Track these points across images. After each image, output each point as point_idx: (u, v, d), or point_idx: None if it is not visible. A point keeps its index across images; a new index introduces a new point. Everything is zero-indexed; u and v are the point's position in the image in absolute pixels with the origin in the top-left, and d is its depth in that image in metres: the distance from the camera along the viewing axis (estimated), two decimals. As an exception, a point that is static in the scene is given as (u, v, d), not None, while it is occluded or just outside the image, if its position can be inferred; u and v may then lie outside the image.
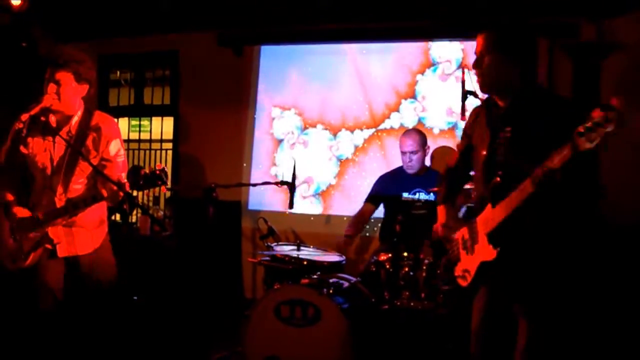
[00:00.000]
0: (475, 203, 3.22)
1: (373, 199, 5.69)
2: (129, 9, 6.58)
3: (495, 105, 3.17)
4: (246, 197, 6.86)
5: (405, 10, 6.18)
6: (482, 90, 3.14)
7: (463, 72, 4.05)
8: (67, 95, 3.66)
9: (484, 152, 3.12)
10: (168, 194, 7.15)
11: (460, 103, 4.02)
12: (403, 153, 5.46)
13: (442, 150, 6.12)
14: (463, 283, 3.22)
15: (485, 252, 3.01)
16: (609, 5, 5.58)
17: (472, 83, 3.99)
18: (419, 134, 5.54)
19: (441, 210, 3.48)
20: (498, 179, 2.96)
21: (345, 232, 5.54)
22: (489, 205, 3.00)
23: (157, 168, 3.44)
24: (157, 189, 3.31)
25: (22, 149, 3.69)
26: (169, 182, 3.62)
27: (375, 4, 6.16)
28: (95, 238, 3.81)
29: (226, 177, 6.29)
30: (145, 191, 7.18)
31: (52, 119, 3.72)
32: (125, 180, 3.47)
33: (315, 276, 4.60)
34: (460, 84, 3.49)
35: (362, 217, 5.70)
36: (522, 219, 2.85)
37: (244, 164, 6.87)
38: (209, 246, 6.36)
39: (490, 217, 2.98)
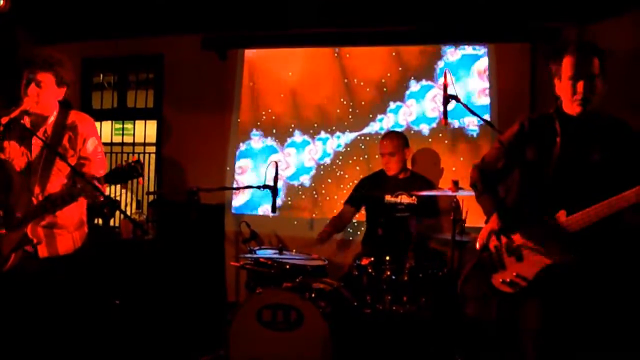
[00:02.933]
0: (528, 212, 3.34)
1: (353, 201, 5.70)
2: (114, 11, 6.55)
3: (566, 118, 3.31)
4: (229, 201, 6.84)
5: (390, 16, 6.20)
6: (585, 108, 3.24)
7: (445, 76, 4.09)
8: (47, 97, 3.65)
9: (555, 162, 3.26)
10: (151, 197, 7.12)
11: (442, 107, 4.07)
12: (382, 155, 5.49)
13: (425, 153, 6.15)
14: (510, 289, 3.32)
15: (557, 257, 3.16)
16: (591, 10, 5.62)
17: (454, 86, 4.03)
18: (398, 136, 5.57)
19: (494, 218, 3.44)
20: (573, 188, 3.15)
21: (320, 232, 5.56)
22: (562, 213, 3.15)
23: (131, 160, 3.43)
24: (139, 190, 3.29)
25: None
26: (145, 175, 3.60)
27: (360, 9, 6.17)
28: (75, 239, 3.80)
29: (209, 181, 6.26)
30: (128, 195, 7.17)
31: (27, 120, 3.70)
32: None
33: (297, 280, 4.59)
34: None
35: (340, 219, 5.72)
36: (607, 226, 3.02)
37: (227, 168, 6.85)
38: (192, 250, 6.33)
39: (565, 223, 3.14)
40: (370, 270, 4.63)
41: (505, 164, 3.50)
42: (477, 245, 3.50)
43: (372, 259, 4.66)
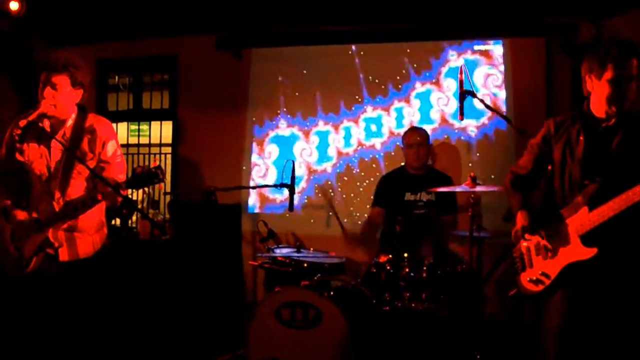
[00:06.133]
0: (550, 209, 3.42)
1: (380, 201, 5.66)
2: (127, 13, 6.57)
3: (592, 117, 3.32)
4: (246, 200, 6.85)
5: (404, 12, 6.18)
6: (619, 106, 3.23)
7: (461, 72, 4.07)
8: (63, 99, 3.65)
9: (579, 160, 3.31)
10: (168, 197, 7.15)
11: (458, 103, 4.07)
12: (410, 146, 5.45)
13: (441, 147, 6.13)
14: (536, 288, 3.39)
15: (579, 252, 3.19)
16: (608, 4, 5.58)
17: (471, 82, 4.02)
18: (423, 129, 5.58)
19: (522, 215, 3.51)
20: (596, 185, 3.17)
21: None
22: (584, 209, 3.18)
23: (152, 166, 3.44)
24: (156, 190, 3.29)
25: (17, 156, 3.69)
26: (165, 180, 3.61)
27: (375, 6, 6.15)
28: (95, 242, 3.81)
29: (226, 180, 6.27)
30: (145, 195, 7.20)
31: (47, 124, 3.72)
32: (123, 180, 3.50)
33: (315, 278, 4.59)
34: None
35: (373, 221, 5.69)
36: (627, 219, 3.03)
37: (244, 167, 6.86)
38: (210, 249, 6.34)
39: (586, 219, 3.17)
40: (388, 268, 4.62)
41: (536, 166, 3.58)
42: (512, 238, 3.58)
43: (390, 256, 4.65)
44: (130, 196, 3.60)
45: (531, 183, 3.63)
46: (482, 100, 4.03)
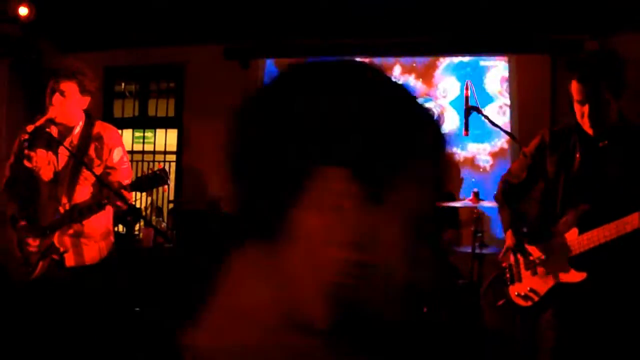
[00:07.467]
0: (543, 226, 3.31)
1: None
2: (136, 21, 6.61)
3: (586, 134, 3.20)
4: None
5: (414, 26, 6.20)
6: (594, 129, 3.12)
7: (467, 88, 4.09)
8: (71, 106, 3.67)
9: (574, 177, 3.20)
10: (171, 205, 7.16)
11: (463, 119, 4.08)
12: None
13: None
14: (524, 303, 3.32)
15: (568, 274, 3.12)
16: (612, 21, 5.60)
17: (475, 98, 4.04)
18: None
19: (511, 234, 3.43)
20: (587, 206, 3.08)
21: None
22: (574, 231, 3.09)
23: (157, 168, 3.48)
24: (160, 198, 3.31)
25: (25, 162, 3.70)
26: (170, 183, 3.66)
27: (382, 19, 6.18)
28: (102, 248, 3.82)
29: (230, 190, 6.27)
30: (149, 204, 7.22)
31: (54, 130, 3.74)
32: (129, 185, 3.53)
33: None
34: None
35: None
36: (618, 247, 2.94)
37: (248, 177, 6.86)
38: (213, 258, 6.34)
39: (575, 242, 3.08)
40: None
41: (529, 176, 3.45)
42: (499, 257, 3.52)
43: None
44: (134, 203, 3.62)
45: (523, 193, 3.53)
46: (486, 117, 4.05)
